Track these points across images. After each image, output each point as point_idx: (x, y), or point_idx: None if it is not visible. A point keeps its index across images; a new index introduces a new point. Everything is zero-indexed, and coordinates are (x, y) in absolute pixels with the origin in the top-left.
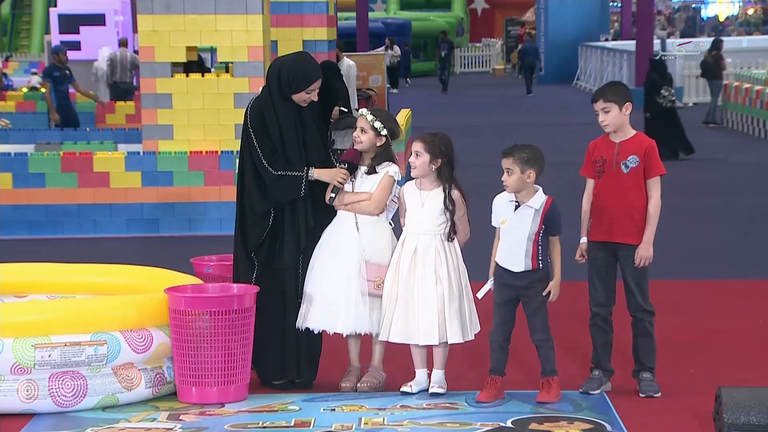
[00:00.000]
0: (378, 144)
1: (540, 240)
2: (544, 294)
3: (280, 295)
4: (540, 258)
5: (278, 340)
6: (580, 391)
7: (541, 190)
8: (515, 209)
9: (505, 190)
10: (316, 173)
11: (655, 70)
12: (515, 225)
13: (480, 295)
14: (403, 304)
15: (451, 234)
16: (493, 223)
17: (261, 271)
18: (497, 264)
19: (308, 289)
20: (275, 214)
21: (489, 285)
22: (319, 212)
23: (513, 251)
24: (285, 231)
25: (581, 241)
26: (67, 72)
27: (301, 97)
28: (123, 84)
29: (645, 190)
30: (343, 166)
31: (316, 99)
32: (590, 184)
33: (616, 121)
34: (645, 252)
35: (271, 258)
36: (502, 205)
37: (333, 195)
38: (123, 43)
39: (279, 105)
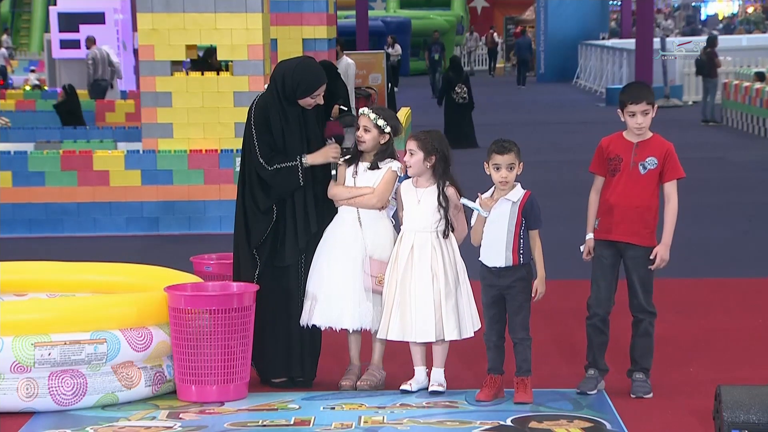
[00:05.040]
0: (381, 142)
1: (521, 234)
2: (532, 295)
3: (281, 292)
4: (521, 252)
5: (281, 338)
6: (577, 391)
7: (519, 185)
8: None
9: (503, 186)
10: (309, 158)
11: (453, 69)
12: (495, 218)
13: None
14: (399, 301)
15: (447, 231)
16: (472, 220)
17: (263, 269)
18: (481, 263)
19: (312, 285)
20: (277, 211)
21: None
22: (321, 212)
23: (494, 245)
24: (287, 228)
25: (587, 237)
26: None
27: (307, 102)
28: (103, 81)
29: (658, 192)
30: (330, 141)
31: (321, 102)
32: (599, 180)
33: (649, 123)
34: (664, 254)
35: (272, 255)
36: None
37: (334, 172)
38: (93, 41)
39: (285, 106)
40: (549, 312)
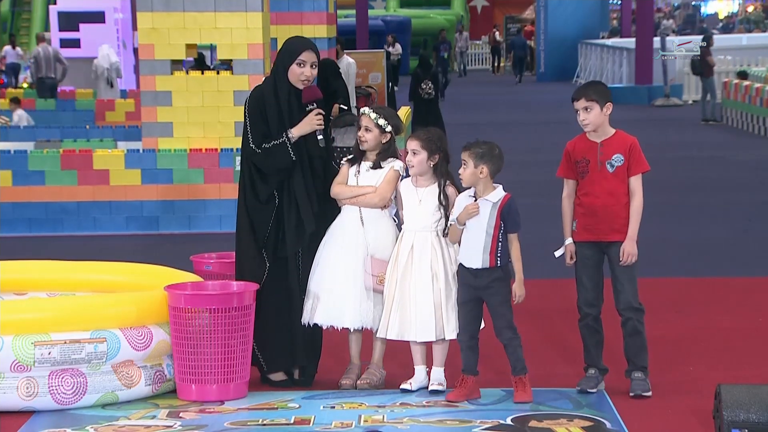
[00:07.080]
0: (383, 141)
1: (499, 237)
2: (512, 298)
3: (284, 289)
4: (498, 255)
5: (282, 334)
6: (578, 389)
7: (500, 187)
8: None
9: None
10: (294, 130)
11: (421, 66)
12: (473, 219)
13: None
14: (399, 300)
15: (447, 230)
16: (450, 218)
17: (270, 266)
18: (460, 264)
19: (313, 284)
20: (279, 200)
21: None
22: (323, 207)
23: (472, 246)
24: (288, 217)
25: (566, 243)
26: None
27: (295, 72)
28: (49, 79)
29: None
30: (312, 107)
31: (309, 75)
32: (569, 184)
33: (597, 120)
34: (630, 248)
35: (275, 248)
36: (462, 200)
37: (321, 137)
38: (42, 39)
39: (281, 89)
40: (545, 312)
